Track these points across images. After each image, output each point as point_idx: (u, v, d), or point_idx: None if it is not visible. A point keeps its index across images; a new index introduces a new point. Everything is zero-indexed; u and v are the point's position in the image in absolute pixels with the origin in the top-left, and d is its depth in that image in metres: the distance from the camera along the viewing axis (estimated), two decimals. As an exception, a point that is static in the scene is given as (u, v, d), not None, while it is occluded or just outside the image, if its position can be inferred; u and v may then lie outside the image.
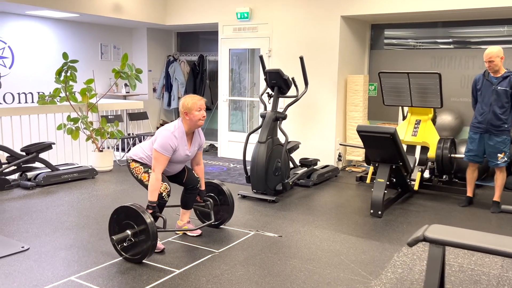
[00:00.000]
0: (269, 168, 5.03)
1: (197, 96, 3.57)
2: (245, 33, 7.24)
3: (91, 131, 6.23)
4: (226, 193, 4.01)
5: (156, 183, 3.41)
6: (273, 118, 5.15)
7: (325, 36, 6.44)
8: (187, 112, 3.50)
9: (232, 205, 4.02)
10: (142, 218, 3.23)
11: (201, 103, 3.54)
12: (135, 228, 3.26)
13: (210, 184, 4.06)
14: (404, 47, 6.94)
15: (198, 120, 3.52)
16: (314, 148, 6.64)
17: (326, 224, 4.30)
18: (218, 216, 4.05)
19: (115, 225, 3.37)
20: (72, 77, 6.07)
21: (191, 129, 3.58)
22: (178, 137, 3.49)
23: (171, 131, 3.48)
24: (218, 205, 4.05)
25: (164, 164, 3.45)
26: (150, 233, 3.18)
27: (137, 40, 9.15)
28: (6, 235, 3.81)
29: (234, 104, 7.81)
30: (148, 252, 3.23)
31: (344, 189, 5.68)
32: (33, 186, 5.35)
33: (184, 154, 3.57)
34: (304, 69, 5.25)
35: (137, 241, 3.27)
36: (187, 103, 3.50)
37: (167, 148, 3.43)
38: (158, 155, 3.42)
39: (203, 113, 3.54)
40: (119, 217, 3.35)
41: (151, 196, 3.42)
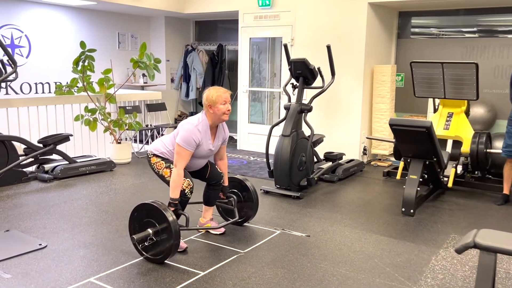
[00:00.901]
0: (293, 162, 4.82)
1: (222, 89, 3.36)
2: (266, 21, 6.99)
3: (109, 123, 6.07)
4: (250, 189, 3.81)
5: (178, 179, 3.22)
6: (298, 110, 4.92)
7: (351, 24, 6.15)
8: (211, 105, 3.30)
9: (256, 201, 3.82)
10: (164, 216, 3.04)
11: (226, 96, 3.33)
12: (157, 226, 3.09)
13: (233, 180, 3.86)
14: (432, 36, 6.61)
15: (222, 114, 3.32)
16: (338, 142, 6.39)
17: (355, 223, 4.07)
18: (241, 213, 3.85)
19: (136, 223, 3.19)
20: (89, 67, 5.90)
21: (215, 123, 3.38)
22: (201, 131, 3.30)
23: (195, 125, 3.28)
24: (241, 201, 3.86)
25: (187, 159, 3.25)
26: (173, 232, 3.00)
27: (155, 29, 8.96)
28: (23, 231, 3.68)
29: (253, 95, 7.59)
30: (170, 252, 3.06)
31: (371, 184, 5.43)
32: (50, 179, 5.22)
33: (207, 149, 3.38)
34: (331, 59, 4.99)
35: (158, 240, 3.09)
36: (211, 96, 3.29)
37: (190, 143, 3.23)
38: (180, 150, 3.23)
39: (228, 106, 3.33)
40: (139, 215, 3.18)
41: (173, 193, 3.24)
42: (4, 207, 4.26)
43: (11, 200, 4.49)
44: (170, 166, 3.35)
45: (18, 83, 7.01)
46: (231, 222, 3.67)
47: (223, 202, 3.78)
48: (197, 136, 3.26)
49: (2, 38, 6.70)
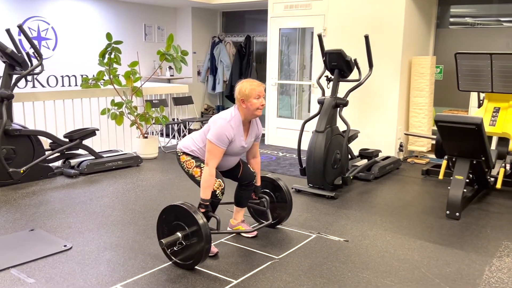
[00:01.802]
0: (328, 160, 4.55)
1: (256, 81, 3.12)
2: (297, 10, 6.70)
3: (135, 117, 5.93)
4: (283, 189, 3.57)
5: (210, 178, 3.01)
6: (333, 104, 4.64)
7: (388, 13, 5.81)
8: (244, 99, 3.07)
9: (290, 203, 3.58)
10: (194, 219, 2.84)
11: (260, 89, 3.08)
12: (186, 230, 2.89)
13: (265, 179, 3.64)
14: (473, 26, 6.20)
15: (256, 109, 3.08)
16: (372, 138, 6.09)
17: (396, 226, 3.79)
18: (274, 215, 3.63)
19: (164, 226, 3.00)
20: (116, 59, 5.75)
21: (247, 118, 3.15)
22: (234, 127, 3.07)
23: (227, 120, 3.06)
24: (274, 202, 3.63)
25: (219, 157, 3.04)
26: (203, 236, 2.80)
27: (182, 21, 8.77)
28: (48, 231, 3.54)
29: (280, 88, 7.32)
30: (201, 257, 2.85)
31: (409, 183, 5.12)
32: (76, 174, 5.11)
33: (239, 146, 3.15)
34: (369, 50, 4.68)
35: (188, 245, 2.89)
36: (244, 89, 3.06)
37: (223, 139, 3.02)
38: (212, 147, 3.02)
39: (262, 101, 3.09)
40: (168, 218, 2.98)
41: (204, 193, 3.03)
42: (30, 204, 4.14)
43: (37, 196, 4.38)
44: (201, 165, 3.14)
45: (44, 76, 6.94)
46: (265, 225, 3.45)
47: (254, 203, 3.56)
48: (230, 133, 3.04)
49: (29, 30, 6.63)
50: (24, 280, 2.77)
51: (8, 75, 4.67)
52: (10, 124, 4.62)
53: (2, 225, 3.64)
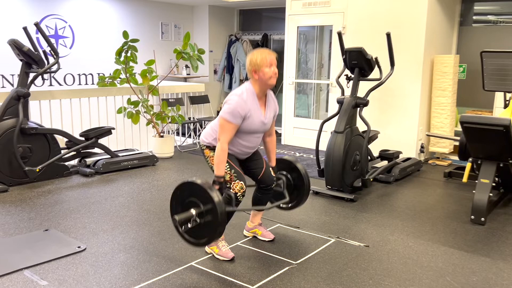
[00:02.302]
0: (347, 161, 4.43)
1: (266, 50, 2.99)
2: (316, 8, 6.57)
3: (151, 115, 5.88)
4: (300, 172, 3.39)
5: (222, 154, 2.90)
6: (353, 104, 4.51)
7: (410, 10, 5.65)
8: (256, 69, 2.94)
9: (307, 186, 3.39)
10: (209, 196, 2.71)
11: (271, 57, 2.95)
12: (201, 207, 2.77)
13: (282, 161, 3.46)
14: (497, 24, 5.99)
15: (269, 79, 2.94)
16: (392, 138, 5.93)
17: (418, 231, 3.66)
18: (291, 198, 3.47)
19: (178, 203, 2.87)
20: (132, 58, 5.71)
21: (262, 90, 3.01)
22: (248, 101, 2.93)
23: (239, 94, 2.94)
24: (291, 184, 3.46)
25: (230, 133, 2.91)
26: (218, 214, 2.66)
27: (198, 19, 8.71)
28: (63, 231, 3.50)
29: (297, 87, 7.21)
30: (215, 236, 2.73)
31: (431, 186, 4.96)
32: (92, 174, 5.07)
33: (259, 121, 3.00)
34: (391, 48, 4.54)
35: (202, 222, 2.77)
36: (255, 59, 2.93)
37: (235, 114, 2.88)
38: (224, 123, 2.90)
39: (274, 69, 2.95)
40: (182, 195, 2.85)
41: (218, 169, 2.91)
42: (45, 204, 4.11)
43: (52, 195, 4.35)
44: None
45: (61, 74, 6.94)
46: (281, 202, 3.29)
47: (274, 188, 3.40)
48: (242, 107, 2.90)
49: (46, 29, 6.63)
50: (37, 282, 2.73)
51: (25, 73, 4.65)
52: (27, 122, 4.61)
53: (17, 224, 3.61)
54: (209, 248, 3.14)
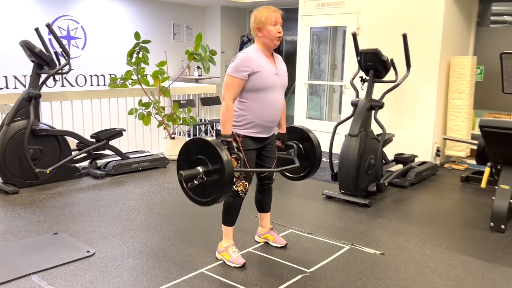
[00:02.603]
0: (361, 165, 4.32)
1: (272, 7, 2.89)
2: (329, 8, 6.47)
3: (162, 117, 5.83)
4: (313, 141, 3.28)
5: (227, 111, 2.79)
6: (367, 107, 4.41)
7: (426, 11, 5.52)
8: (260, 27, 2.84)
9: (319, 156, 3.27)
10: (217, 154, 2.59)
11: (276, 15, 2.85)
12: (208, 165, 2.67)
13: (294, 130, 3.35)
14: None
15: (274, 38, 2.85)
16: (408, 141, 5.81)
17: (435, 238, 3.54)
18: (302, 168, 3.35)
19: (185, 160, 2.76)
20: (144, 59, 5.67)
21: (267, 48, 2.89)
22: (253, 56, 2.81)
23: (244, 51, 2.85)
24: (302, 154, 3.33)
25: (235, 89, 2.79)
26: (226, 173, 2.56)
27: (210, 20, 8.66)
28: (72, 235, 3.45)
29: (310, 88, 7.11)
30: (221, 196, 2.64)
31: (447, 191, 4.83)
32: (102, 175, 5.04)
33: (272, 72, 2.85)
34: (407, 49, 4.43)
35: (209, 181, 2.67)
36: (260, 16, 2.83)
37: (240, 68, 2.77)
38: (228, 79, 2.80)
39: (278, 28, 2.85)
40: (189, 151, 2.74)
41: (224, 128, 2.81)
42: (55, 206, 4.08)
43: (62, 198, 4.32)
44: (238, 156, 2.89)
45: (73, 75, 6.94)
46: (289, 167, 3.14)
47: (282, 153, 3.28)
48: (247, 60, 2.78)
49: (59, 30, 6.63)
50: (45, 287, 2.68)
51: (36, 74, 4.63)
52: (37, 124, 4.58)
53: (27, 227, 3.57)
54: (220, 254, 3.07)
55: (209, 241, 3.36)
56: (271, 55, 2.95)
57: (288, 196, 4.52)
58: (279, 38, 2.88)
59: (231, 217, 3.00)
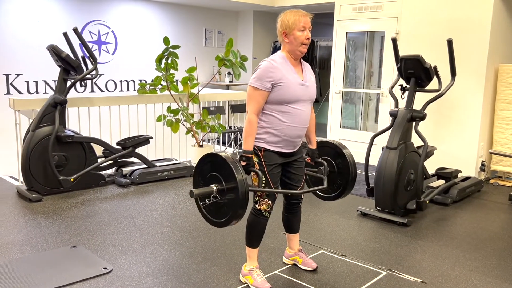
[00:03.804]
0: (400, 181, 4.00)
1: (301, 11, 2.63)
2: (367, 13, 6.16)
3: (191, 124, 5.66)
4: (347, 158, 2.98)
5: (250, 126, 2.58)
6: (408, 117, 4.09)
7: (472, 15, 5.14)
8: (287, 32, 2.59)
9: (353, 175, 2.98)
10: (231, 172, 2.39)
11: (305, 19, 2.59)
12: (223, 184, 2.46)
13: (326, 145, 3.07)
14: None
15: (300, 44, 2.59)
16: (450, 155, 5.42)
17: (483, 265, 3.18)
18: (334, 186, 3.07)
19: (200, 177, 2.58)
20: (173, 65, 5.52)
21: (293, 55, 2.65)
22: (277, 64, 2.58)
23: (268, 59, 2.62)
24: (334, 172, 3.06)
25: (258, 101, 2.57)
26: (239, 193, 2.35)
27: (243, 25, 8.49)
28: (90, 248, 3.29)
29: (345, 96, 6.80)
30: (234, 218, 2.43)
31: (494, 210, 4.43)
32: (127, 184, 4.90)
33: (297, 83, 2.60)
34: (452, 56, 4.09)
35: (223, 201, 2.47)
36: (287, 20, 2.59)
37: (263, 78, 2.54)
38: (251, 91, 2.58)
39: (307, 34, 2.59)
40: (204, 168, 2.56)
41: (245, 143, 2.60)
42: (77, 216, 3.95)
43: (85, 207, 4.19)
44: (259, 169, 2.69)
45: (103, 81, 6.89)
46: (317, 188, 2.91)
47: (312, 171, 3.03)
48: (271, 70, 2.55)
49: (89, 34, 6.59)
50: (56, 308, 2.51)
51: (63, 79, 4.55)
52: (63, 130, 4.49)
53: (46, 238, 3.44)
54: (244, 278, 2.83)
55: (233, 261, 3.13)
56: (298, 63, 2.71)
57: (319, 212, 4.24)
58: (307, 45, 2.64)
59: (255, 239, 2.76)
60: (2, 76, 6.03)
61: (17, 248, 3.26)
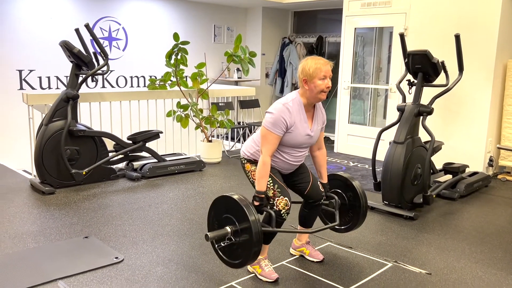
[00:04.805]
0: (407, 175, 4.04)
1: (322, 59, 2.69)
2: (375, 8, 6.18)
3: (200, 119, 5.73)
4: (357, 191, 3.05)
5: (264, 168, 2.65)
6: (415, 112, 4.12)
7: (480, 10, 5.14)
8: (307, 79, 2.65)
9: (364, 207, 3.05)
10: (244, 214, 2.48)
11: (326, 68, 2.65)
12: (236, 225, 2.54)
13: (336, 178, 3.15)
14: None
15: (320, 92, 2.66)
16: (457, 150, 5.43)
17: (489, 258, 3.22)
18: (346, 219, 3.15)
19: (214, 219, 2.68)
20: (182, 61, 5.59)
21: (310, 102, 2.73)
22: (293, 111, 2.67)
23: (284, 103, 2.68)
24: (346, 204, 3.13)
25: (273, 144, 2.66)
26: (253, 234, 2.43)
27: (251, 21, 8.54)
28: (102, 239, 3.38)
29: (353, 91, 6.82)
30: (250, 258, 2.49)
31: (502, 205, 4.45)
32: (138, 178, 4.99)
33: (304, 134, 2.73)
34: (460, 51, 4.11)
35: (238, 242, 2.54)
36: (308, 68, 2.64)
37: (278, 124, 2.63)
38: (266, 133, 2.65)
39: (327, 82, 2.65)
40: (218, 210, 2.65)
41: (258, 184, 2.67)
42: (89, 208, 4.04)
43: (97, 200, 4.28)
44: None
45: (114, 77, 6.98)
46: (329, 226, 2.98)
47: (323, 204, 3.09)
48: (287, 117, 2.64)
49: (100, 31, 6.69)
50: (70, 295, 2.59)
51: (75, 75, 4.63)
52: (75, 124, 4.58)
53: (59, 229, 3.54)
54: (252, 267, 2.89)
55: (241, 252, 3.20)
56: (312, 108, 2.80)
57: (326, 205, 4.29)
58: (326, 93, 2.70)
59: (270, 237, 2.80)
60: (15, 72, 6.14)
61: (32, 238, 3.36)
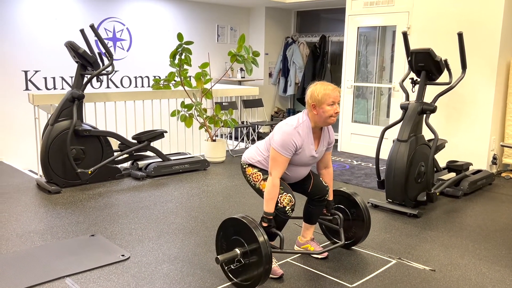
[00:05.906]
0: (410, 173, 4.05)
1: (331, 85, 2.74)
2: (378, 7, 6.19)
3: (204, 119, 5.77)
4: (360, 206, 3.15)
5: (273, 189, 2.69)
6: (418, 110, 4.13)
7: (483, 8, 5.15)
8: (316, 105, 2.71)
9: (368, 222, 3.14)
10: (253, 235, 2.52)
11: (335, 95, 2.71)
12: (246, 246, 2.59)
13: (339, 194, 3.24)
14: None
15: (328, 117, 2.71)
16: (461, 148, 5.44)
17: (493, 255, 3.23)
18: (349, 234, 3.23)
19: (223, 241, 2.73)
20: (186, 61, 5.63)
21: (318, 125, 2.80)
22: (302, 134, 2.73)
23: (294, 126, 2.73)
24: (349, 220, 3.22)
25: (283, 166, 2.71)
26: (263, 255, 2.48)
27: (255, 21, 8.57)
28: (108, 237, 3.41)
29: (356, 91, 6.84)
30: (260, 279, 2.54)
31: (505, 203, 4.46)
32: (143, 177, 5.02)
33: (309, 155, 2.80)
34: (463, 49, 4.12)
35: (247, 263, 2.59)
36: (317, 94, 2.70)
37: (288, 147, 2.68)
38: (276, 155, 2.70)
39: (336, 108, 2.71)
40: (227, 232, 2.70)
41: (267, 206, 2.71)
42: (95, 207, 4.08)
43: (102, 199, 4.32)
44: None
45: (118, 77, 7.02)
46: (335, 247, 3.05)
47: (327, 220, 3.18)
48: (297, 140, 2.70)
49: (105, 31, 6.73)
50: (77, 291, 2.63)
51: (80, 75, 4.67)
52: (80, 124, 4.62)
53: (65, 228, 3.57)
54: (257, 264, 2.92)
55: (246, 249, 3.22)
56: (319, 130, 2.86)
57: (330, 204, 4.31)
58: (335, 118, 2.74)
59: (273, 236, 2.83)
60: (21, 72, 6.19)
61: (39, 236, 3.39)
